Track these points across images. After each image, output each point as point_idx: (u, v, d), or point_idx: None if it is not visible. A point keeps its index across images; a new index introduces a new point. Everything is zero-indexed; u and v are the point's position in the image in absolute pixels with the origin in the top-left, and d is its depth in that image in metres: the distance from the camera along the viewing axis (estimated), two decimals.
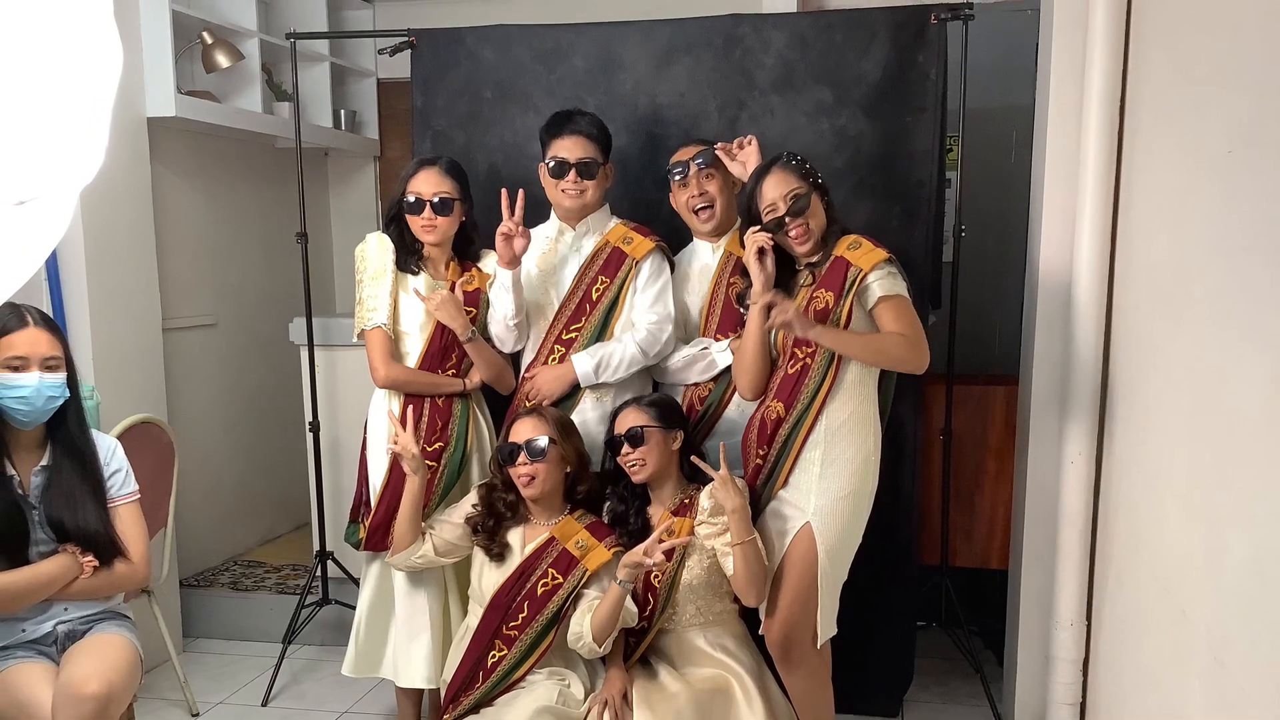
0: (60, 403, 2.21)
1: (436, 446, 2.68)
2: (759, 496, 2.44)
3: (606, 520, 2.55)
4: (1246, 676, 1.81)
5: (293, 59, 3.35)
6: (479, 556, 2.57)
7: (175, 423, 3.46)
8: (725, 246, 2.72)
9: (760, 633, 2.45)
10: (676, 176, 2.68)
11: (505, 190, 2.63)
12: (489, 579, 2.52)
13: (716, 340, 2.68)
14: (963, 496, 3.20)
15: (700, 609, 2.48)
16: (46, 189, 0.75)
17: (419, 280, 2.72)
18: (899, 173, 2.91)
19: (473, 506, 2.59)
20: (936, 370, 2.62)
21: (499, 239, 2.60)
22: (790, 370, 2.40)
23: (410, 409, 2.67)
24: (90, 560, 2.23)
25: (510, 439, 2.51)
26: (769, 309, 2.29)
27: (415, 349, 2.72)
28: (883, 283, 2.32)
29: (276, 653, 3.34)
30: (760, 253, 2.36)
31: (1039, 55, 2.84)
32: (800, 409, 2.36)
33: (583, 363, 2.66)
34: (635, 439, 2.45)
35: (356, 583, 3.09)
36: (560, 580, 2.45)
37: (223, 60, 3.78)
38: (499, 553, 2.53)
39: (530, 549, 2.50)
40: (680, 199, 2.71)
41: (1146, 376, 2.35)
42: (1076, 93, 2.57)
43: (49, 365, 2.18)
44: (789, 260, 2.44)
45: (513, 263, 2.62)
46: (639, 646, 2.49)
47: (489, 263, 2.79)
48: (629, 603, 2.36)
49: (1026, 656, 2.89)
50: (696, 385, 2.71)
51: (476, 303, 2.75)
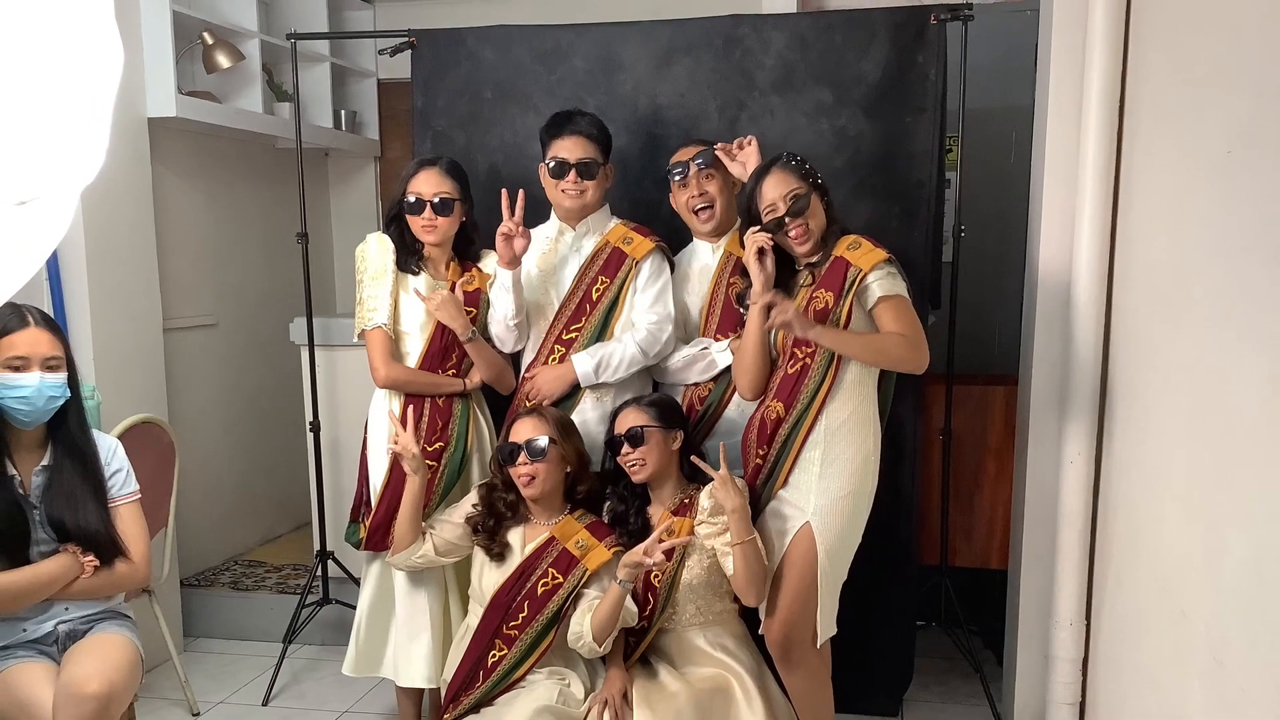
0: (61, 403, 2.21)
1: (437, 446, 2.69)
2: (759, 496, 2.45)
3: (606, 520, 2.56)
4: (1246, 676, 1.81)
5: (293, 59, 3.35)
6: (479, 556, 2.58)
7: (176, 423, 3.46)
8: (725, 247, 2.72)
9: (760, 632, 2.45)
10: (676, 177, 2.68)
11: (505, 190, 2.64)
12: (489, 579, 2.53)
13: (716, 340, 2.68)
14: (962, 496, 3.20)
15: (700, 609, 2.48)
16: (47, 189, 0.75)
17: (419, 280, 2.72)
18: (899, 173, 2.91)
19: (473, 506, 2.59)
20: (936, 370, 2.62)
21: (499, 239, 2.60)
22: (790, 370, 2.41)
23: (410, 409, 2.67)
24: (91, 560, 2.24)
25: (510, 439, 2.51)
26: (769, 309, 2.30)
27: (416, 349, 2.72)
28: (882, 283, 2.32)
29: (277, 652, 3.35)
30: (760, 253, 2.36)
31: (1038, 56, 2.84)
32: (800, 409, 2.36)
33: (583, 363, 2.67)
34: (635, 439, 2.45)
35: (357, 582, 3.09)
36: (560, 580, 2.45)
37: (223, 61, 3.78)
38: (499, 552, 2.53)
39: (530, 549, 2.51)
40: (680, 199, 2.71)
41: (1146, 377, 2.35)
42: (1076, 93, 2.57)
43: (50, 365, 2.18)
44: (789, 260, 2.44)
45: (513, 263, 2.62)
46: (639, 646, 2.49)
47: (489, 263, 2.79)
48: (629, 602, 2.36)
49: (1026, 656, 2.89)
50: (696, 385, 2.71)
51: (477, 303, 2.75)
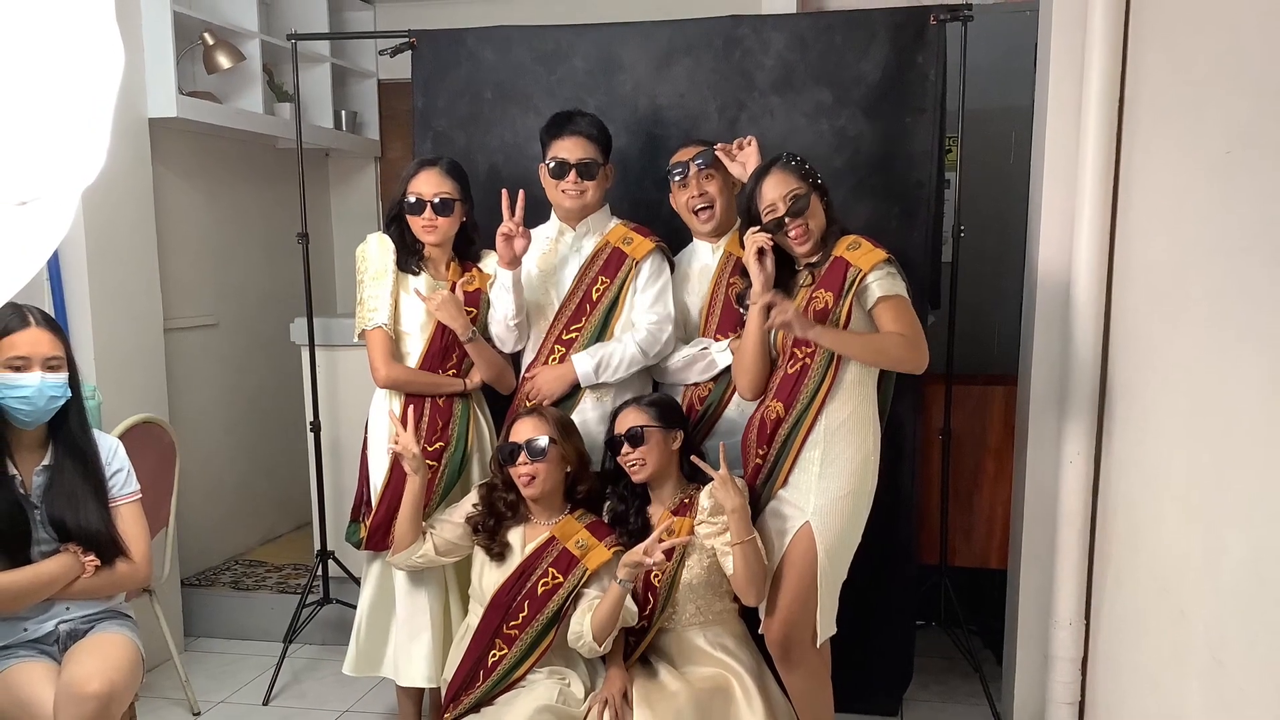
0: (62, 403, 2.21)
1: (437, 446, 2.69)
2: (758, 496, 2.45)
3: (606, 520, 2.56)
4: (1245, 676, 1.81)
5: (294, 60, 3.35)
6: (479, 556, 2.58)
7: (176, 423, 3.46)
8: (725, 247, 2.72)
9: (760, 632, 2.45)
10: (676, 177, 2.69)
11: (505, 191, 2.64)
12: (489, 578, 2.53)
13: (716, 340, 2.68)
14: (962, 496, 3.20)
15: (700, 608, 2.49)
16: (48, 189, 0.75)
17: (420, 280, 2.72)
18: (898, 173, 2.91)
19: (473, 506, 2.59)
20: (936, 370, 2.63)
21: (499, 239, 2.61)
22: (790, 370, 2.41)
23: (411, 409, 2.67)
24: (92, 559, 2.24)
25: (511, 439, 2.52)
26: (768, 309, 2.30)
27: (416, 349, 2.73)
28: (882, 283, 2.32)
29: (277, 652, 3.35)
30: (760, 253, 2.36)
31: (1038, 56, 2.84)
32: (800, 409, 2.36)
33: (583, 363, 2.67)
34: (635, 439, 2.46)
35: (357, 582, 3.09)
36: (560, 579, 2.45)
37: (224, 61, 3.78)
38: (499, 552, 2.53)
39: (530, 548, 2.51)
40: (680, 199, 2.71)
41: (1145, 377, 2.35)
42: (1075, 93, 2.57)
43: (51, 365, 2.18)
44: (788, 260, 2.45)
45: (513, 263, 2.63)
46: (639, 646, 2.49)
47: (489, 263, 2.79)
48: (629, 602, 2.36)
49: (1025, 656, 2.90)
50: (696, 385, 2.71)
51: (477, 303, 2.76)
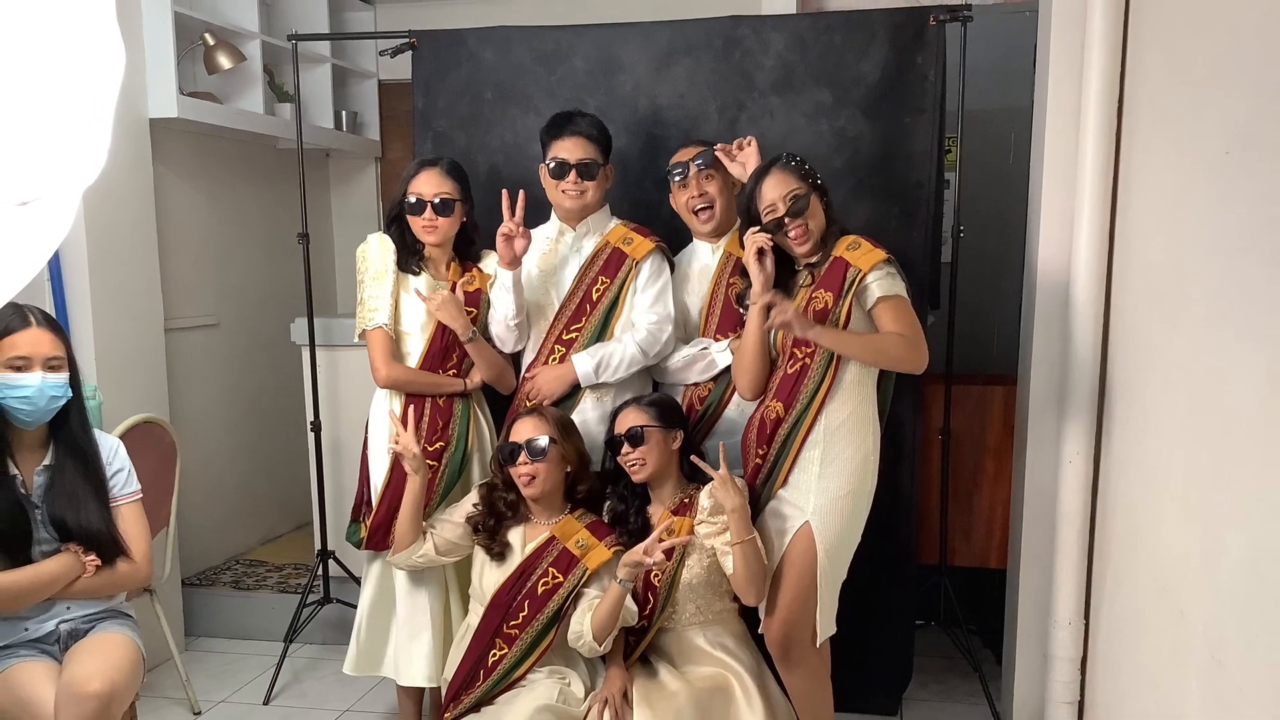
0: (63, 402, 2.22)
1: (437, 446, 2.69)
2: (758, 496, 2.45)
3: (606, 519, 2.56)
4: (1244, 676, 1.81)
5: (294, 60, 3.35)
6: (480, 555, 2.58)
7: (177, 422, 3.47)
8: (725, 247, 2.72)
9: (760, 631, 2.46)
10: (676, 177, 2.69)
11: (506, 191, 2.65)
12: (490, 578, 2.53)
13: (716, 340, 2.69)
14: (961, 496, 3.20)
15: (700, 608, 2.49)
16: (49, 190, 0.75)
17: (420, 281, 2.72)
18: (898, 174, 2.92)
19: (474, 506, 2.60)
20: (935, 370, 2.63)
21: (499, 239, 2.61)
22: (789, 370, 2.41)
23: (411, 409, 2.68)
24: (93, 559, 2.24)
25: (511, 439, 2.52)
26: (768, 309, 2.30)
27: (416, 349, 2.73)
28: (882, 283, 2.33)
29: (278, 651, 3.35)
30: (760, 253, 2.36)
31: (1037, 57, 2.84)
32: (799, 409, 2.37)
33: (583, 363, 2.67)
34: (635, 439, 2.46)
35: (358, 582, 3.10)
36: (560, 579, 2.45)
37: (224, 62, 3.79)
38: (500, 552, 2.54)
39: (531, 548, 2.51)
40: (680, 200, 2.71)
41: (1144, 377, 2.36)
42: (1075, 94, 2.57)
43: (51, 365, 2.19)
44: (788, 261, 2.45)
45: (513, 263, 2.63)
46: (639, 645, 2.50)
47: (490, 263, 2.80)
48: (629, 601, 2.37)
49: (1025, 655, 2.90)
50: (696, 385, 2.72)
51: (477, 303, 2.76)
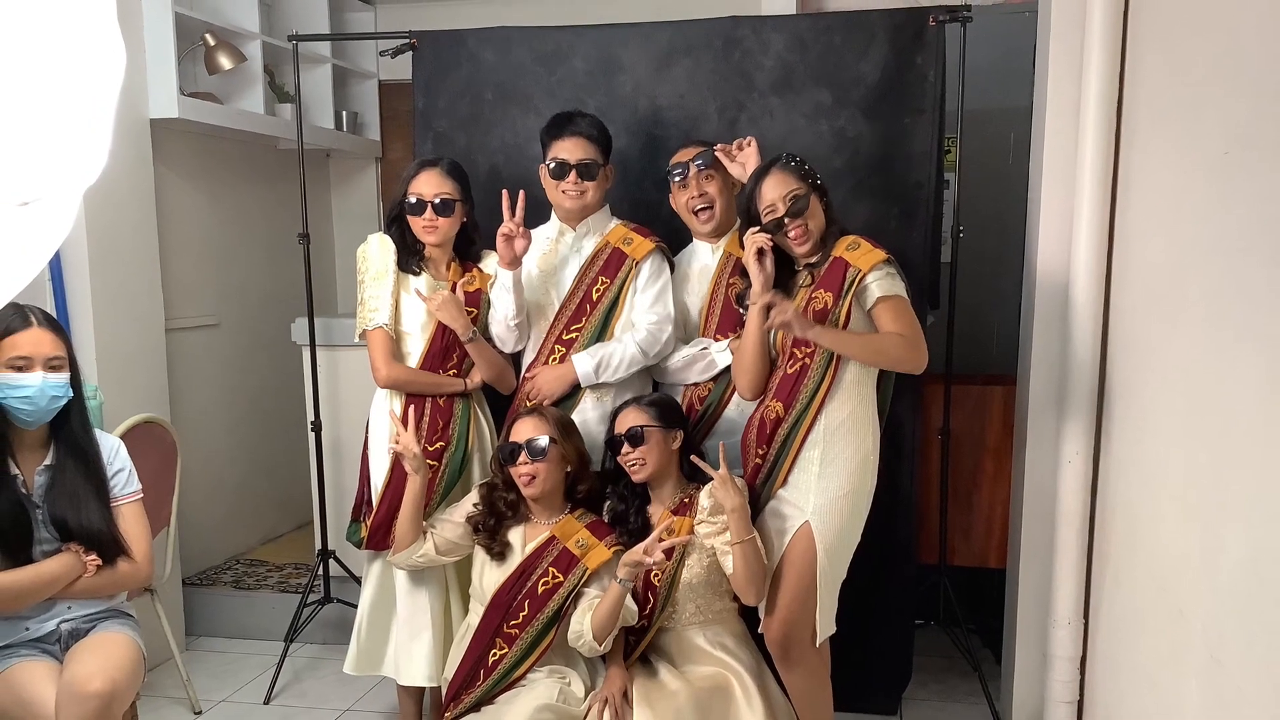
0: (64, 402, 2.22)
1: (438, 446, 2.70)
2: (758, 496, 2.45)
3: (607, 519, 2.57)
4: (1243, 675, 1.81)
5: (295, 61, 3.36)
6: (480, 555, 2.58)
7: (178, 422, 3.47)
8: (725, 247, 2.73)
9: (760, 631, 2.46)
10: (676, 178, 2.69)
11: (506, 191, 2.65)
12: (490, 578, 2.54)
13: (716, 340, 2.69)
14: (961, 496, 3.20)
15: (700, 607, 2.49)
16: (50, 190, 0.75)
17: (420, 281, 2.73)
18: (897, 174, 2.92)
19: (474, 505, 2.60)
20: (935, 370, 2.63)
21: (500, 240, 2.61)
22: (789, 370, 2.41)
23: (411, 409, 2.68)
24: (93, 559, 2.24)
25: (511, 438, 2.52)
26: (768, 309, 2.30)
27: (417, 349, 2.73)
28: (881, 283, 2.33)
29: (278, 651, 3.36)
30: (759, 253, 2.37)
31: (1037, 57, 2.84)
32: (799, 409, 2.37)
33: (583, 363, 2.67)
34: (635, 438, 2.46)
35: (358, 581, 3.10)
36: (561, 579, 2.46)
37: (225, 62, 3.79)
38: (500, 551, 2.54)
39: (531, 548, 2.52)
40: (680, 200, 2.72)
41: (1143, 377, 2.36)
42: (1074, 94, 2.57)
43: (52, 365, 2.19)
44: (788, 261, 2.45)
45: (513, 263, 2.63)
46: (639, 645, 2.50)
47: (490, 263, 2.80)
48: (629, 601, 2.37)
49: (1024, 655, 2.90)
50: (696, 385, 2.72)
51: (477, 303, 2.76)
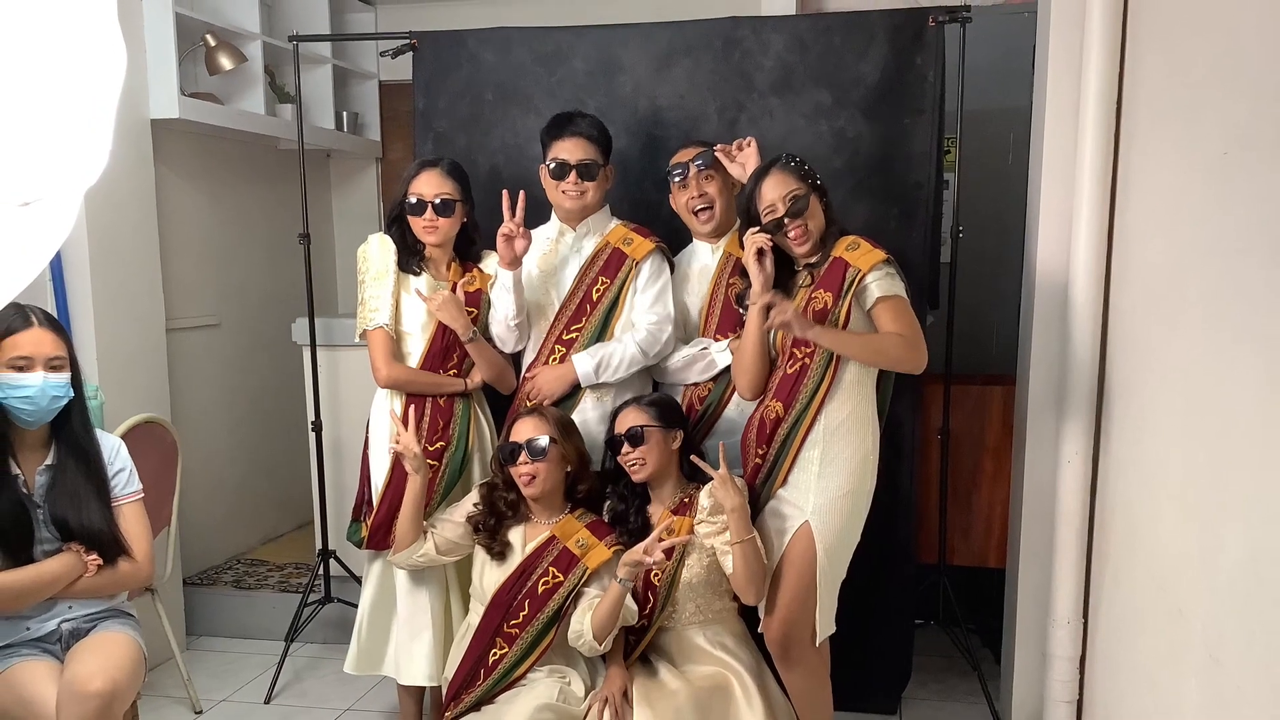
0: (64, 402, 2.22)
1: (438, 446, 2.70)
2: (758, 495, 2.46)
3: (607, 519, 2.57)
4: (1242, 674, 1.82)
5: (295, 61, 3.36)
6: (480, 555, 2.59)
7: (179, 422, 3.47)
8: (725, 247, 2.73)
9: (759, 631, 2.46)
10: (676, 178, 2.69)
11: (506, 191, 2.65)
12: (490, 577, 2.54)
13: (716, 340, 2.69)
14: (960, 495, 3.20)
15: (700, 607, 2.49)
16: (51, 190, 0.75)
17: (421, 281, 2.73)
18: (897, 174, 2.92)
19: (474, 505, 2.60)
20: (934, 370, 2.64)
21: (500, 240, 2.62)
22: (789, 370, 2.42)
23: (412, 408, 2.68)
24: (94, 559, 2.25)
25: (511, 438, 2.53)
26: (768, 309, 2.31)
27: (417, 349, 2.74)
28: (881, 283, 2.33)
29: (279, 651, 3.36)
30: (759, 253, 2.37)
31: (1036, 58, 2.85)
32: (799, 408, 2.37)
33: (583, 363, 2.68)
34: (635, 438, 2.47)
35: (358, 581, 3.10)
36: (561, 579, 2.46)
37: (226, 62, 3.79)
38: (500, 551, 2.54)
39: (531, 547, 2.52)
40: (680, 200, 2.72)
41: (1142, 377, 2.36)
42: (1073, 95, 2.57)
43: (53, 365, 2.19)
44: (788, 261, 2.46)
45: (513, 263, 2.64)
46: (639, 644, 2.50)
47: (490, 263, 2.80)
48: (629, 601, 2.37)
49: (1024, 654, 2.90)
50: (696, 385, 2.72)
51: (478, 303, 2.77)
